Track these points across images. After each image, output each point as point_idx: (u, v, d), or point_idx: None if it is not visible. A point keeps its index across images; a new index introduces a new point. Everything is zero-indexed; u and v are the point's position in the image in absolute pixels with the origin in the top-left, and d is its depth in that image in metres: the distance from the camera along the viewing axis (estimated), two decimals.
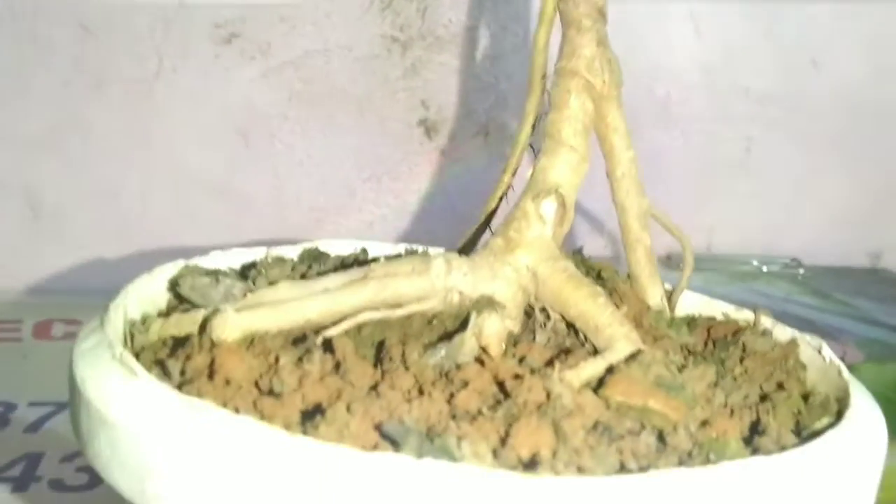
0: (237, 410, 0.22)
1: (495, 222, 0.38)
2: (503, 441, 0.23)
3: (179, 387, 0.24)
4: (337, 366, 0.27)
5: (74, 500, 0.47)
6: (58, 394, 0.59)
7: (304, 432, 0.22)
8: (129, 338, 0.28)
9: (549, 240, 0.32)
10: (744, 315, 0.36)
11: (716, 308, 0.37)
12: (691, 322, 0.36)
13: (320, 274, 0.33)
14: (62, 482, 0.49)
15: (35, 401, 0.57)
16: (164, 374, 0.25)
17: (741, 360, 0.32)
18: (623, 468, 0.23)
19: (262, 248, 0.38)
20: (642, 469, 0.23)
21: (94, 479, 0.49)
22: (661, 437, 0.25)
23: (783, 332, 0.34)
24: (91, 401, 0.23)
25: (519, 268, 0.31)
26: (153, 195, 0.78)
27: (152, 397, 0.22)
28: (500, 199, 0.38)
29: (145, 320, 0.30)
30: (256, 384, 0.25)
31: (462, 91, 0.83)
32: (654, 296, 0.36)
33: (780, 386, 0.30)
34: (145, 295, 0.31)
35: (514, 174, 0.38)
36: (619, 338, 0.29)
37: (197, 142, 0.78)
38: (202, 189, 0.79)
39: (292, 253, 0.38)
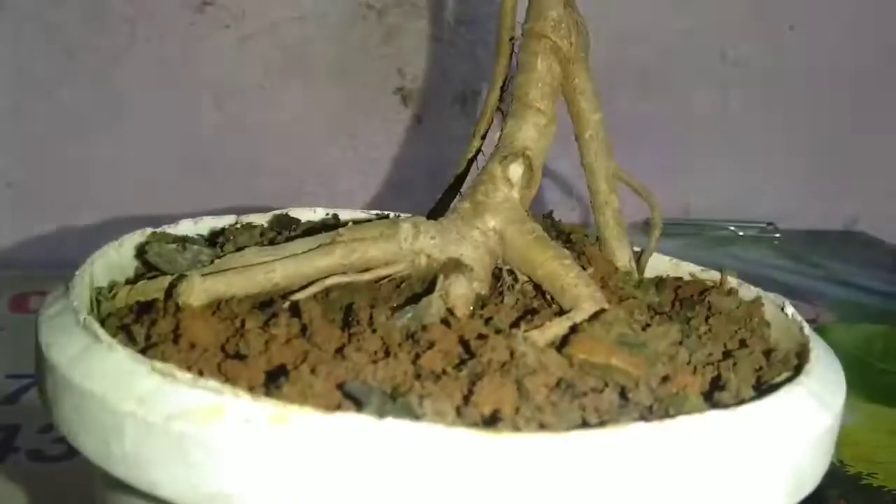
0: (201, 373, 0.23)
1: (466, 186, 0.39)
2: (466, 399, 0.24)
3: (143, 351, 0.24)
4: (303, 329, 0.27)
5: (53, 469, 0.47)
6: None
7: (268, 394, 0.22)
8: (96, 304, 0.28)
9: (517, 203, 0.32)
10: (710, 275, 0.36)
11: (683, 269, 0.37)
12: (659, 283, 0.36)
13: (289, 240, 0.33)
14: (40, 452, 0.49)
15: (12, 373, 0.57)
16: (129, 338, 0.25)
17: (706, 319, 0.32)
18: (584, 424, 0.24)
19: (231, 216, 0.38)
20: (602, 424, 0.24)
21: (73, 450, 0.49)
22: (623, 394, 0.26)
23: (748, 292, 0.34)
24: (56, 366, 0.23)
25: (486, 231, 0.31)
26: (126, 166, 0.77)
27: (115, 361, 0.23)
28: (470, 163, 0.38)
29: (112, 287, 0.30)
30: (222, 348, 0.26)
31: (438, 58, 0.83)
32: (623, 258, 0.36)
33: (743, 343, 0.30)
34: (112, 262, 0.31)
35: (483, 138, 0.38)
36: (584, 298, 0.29)
37: (171, 111, 0.77)
38: (176, 159, 0.78)
39: (263, 220, 0.38)
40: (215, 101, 0.79)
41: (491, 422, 0.23)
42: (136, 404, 0.21)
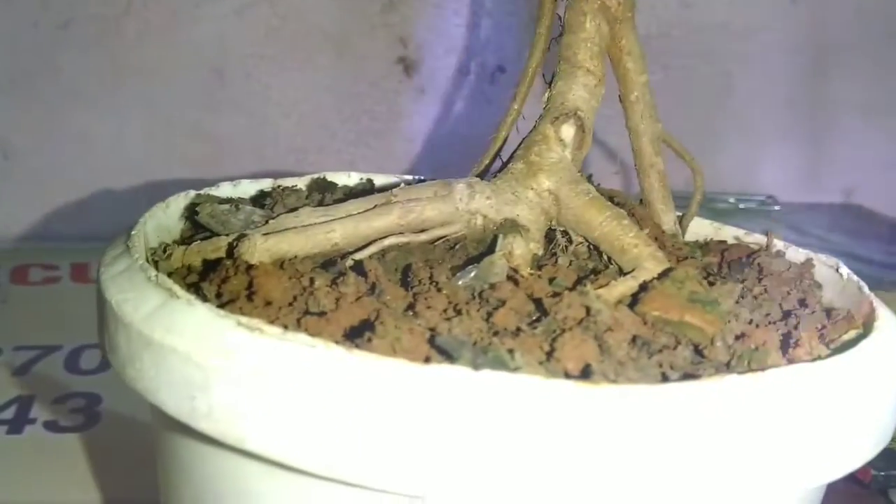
0: (285, 328, 0.22)
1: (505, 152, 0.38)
2: (548, 355, 0.23)
3: (220, 307, 0.23)
4: (371, 288, 0.26)
5: (71, 440, 0.47)
6: (42, 337, 0.58)
7: (356, 347, 0.22)
8: (153, 265, 0.28)
9: (570, 163, 0.32)
10: (755, 239, 0.36)
11: (727, 233, 0.37)
12: (703, 246, 0.36)
13: (337, 201, 0.33)
14: (56, 423, 0.48)
15: (20, 345, 0.56)
16: (200, 296, 0.24)
17: (759, 281, 0.32)
18: (665, 379, 0.24)
19: (269, 180, 0.38)
20: (684, 379, 0.24)
21: (90, 420, 0.48)
22: (697, 351, 0.25)
23: (796, 254, 0.34)
24: (131, 323, 0.23)
25: (541, 191, 0.31)
26: (126, 137, 0.76)
27: (197, 317, 0.22)
28: (510, 127, 0.38)
29: (165, 248, 0.29)
30: (290, 304, 0.25)
31: (442, 27, 0.82)
32: (668, 221, 0.36)
33: (802, 303, 0.30)
34: (161, 223, 0.31)
35: (524, 101, 0.38)
36: (646, 257, 0.29)
37: (170, 81, 0.76)
38: (176, 130, 0.77)
39: (300, 184, 0.38)
40: (214, 70, 0.78)
41: (580, 376, 0.23)
42: (223, 359, 0.21)
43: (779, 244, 0.35)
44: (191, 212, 0.31)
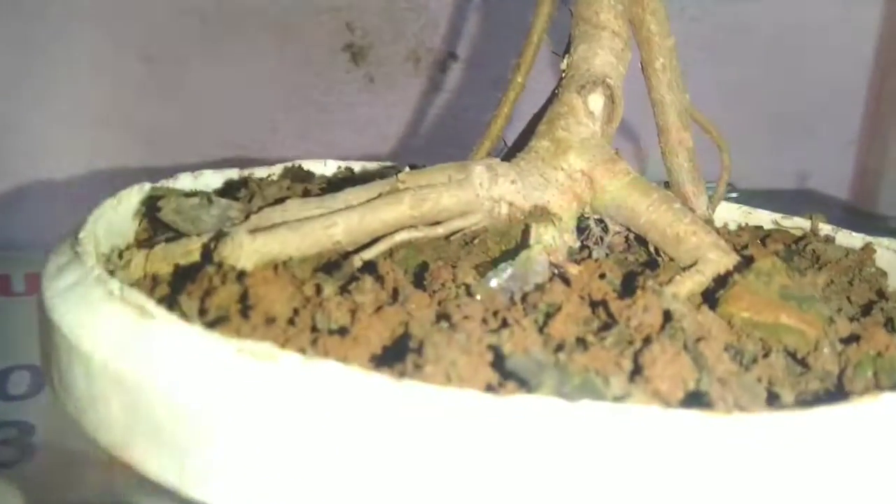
0: (303, 352, 0.17)
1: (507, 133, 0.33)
2: (633, 374, 0.19)
3: (209, 329, 0.18)
4: (393, 294, 0.21)
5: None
6: None
7: (402, 375, 0.16)
8: (108, 275, 0.22)
9: (602, 139, 0.27)
10: (794, 223, 0.32)
11: (759, 217, 0.33)
12: (741, 232, 0.32)
13: (324, 191, 0.27)
14: None
15: None
16: (179, 314, 0.19)
17: (818, 270, 0.28)
18: (774, 399, 0.19)
19: (234, 170, 0.32)
20: (801, 399, 0.19)
21: (22, 454, 0.42)
22: (795, 358, 0.21)
23: (849, 238, 0.30)
24: (92, 354, 0.17)
25: (572, 173, 0.26)
26: (51, 129, 0.68)
27: (180, 343, 0.16)
28: (513, 103, 0.33)
29: (121, 254, 0.23)
30: (290, 321, 0.20)
31: (390, 12, 0.77)
32: (700, 205, 0.31)
33: (881, 295, 0.26)
34: (112, 224, 0.25)
35: (528, 73, 0.33)
36: (707, 247, 0.24)
37: (98, 70, 0.69)
38: (105, 122, 0.69)
39: (270, 174, 0.32)
40: (146, 59, 0.71)
41: (683, 399, 0.18)
42: (222, 402, 0.15)
43: (826, 228, 0.31)
44: (148, 208, 0.26)
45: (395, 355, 0.18)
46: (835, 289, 0.26)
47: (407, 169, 0.26)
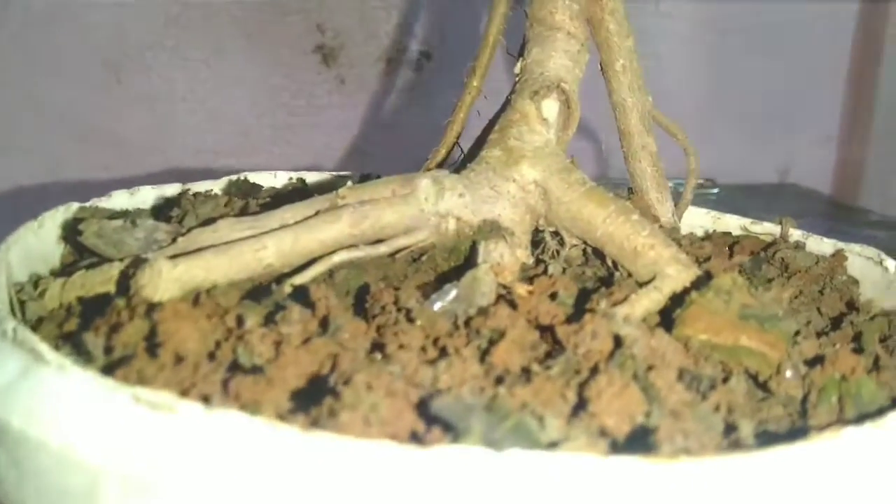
0: (207, 400, 0.15)
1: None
2: (577, 409, 0.17)
3: (109, 369, 0.16)
4: (323, 323, 0.20)
5: None
6: None
7: (315, 423, 0.15)
8: (19, 306, 0.20)
9: (557, 148, 0.26)
10: (764, 228, 0.31)
11: (728, 223, 0.32)
12: (706, 240, 0.30)
13: (264, 208, 0.26)
14: None
15: None
16: (81, 353, 0.17)
17: (787, 280, 0.26)
18: (732, 431, 0.18)
19: (176, 185, 0.30)
20: (761, 429, 0.18)
21: None
22: (755, 381, 0.20)
23: (820, 244, 0.29)
24: None
25: (525, 184, 0.25)
26: (11, 139, 0.66)
27: (72, 390, 0.15)
28: (469, 108, 0.32)
29: (37, 282, 0.22)
30: (210, 355, 0.18)
31: (362, 11, 0.75)
32: (665, 211, 0.30)
33: (851, 306, 0.24)
34: (32, 249, 0.23)
35: (484, 76, 0.31)
36: (666, 261, 0.23)
37: (60, 76, 0.67)
38: (68, 130, 0.68)
39: (215, 188, 0.31)
40: (107, 63, 0.69)
41: (628, 437, 0.16)
42: (117, 455, 0.14)
43: (796, 233, 0.30)
44: (74, 231, 0.24)
45: (318, 394, 0.16)
46: (803, 300, 0.25)
47: (350, 183, 0.25)
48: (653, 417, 0.17)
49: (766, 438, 0.17)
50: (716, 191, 0.91)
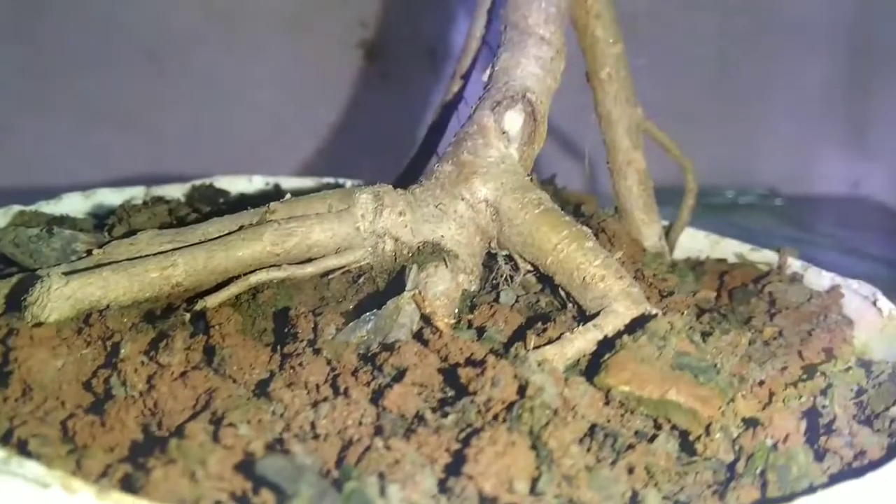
0: (21, 443, 0.14)
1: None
2: (456, 465, 0.15)
3: None
4: (210, 353, 0.18)
5: None
6: None
7: (129, 486, 0.13)
8: None
9: (516, 164, 0.23)
10: (763, 256, 0.28)
11: (726, 248, 0.29)
12: (697, 267, 0.28)
13: (203, 219, 0.25)
14: None
15: None
16: None
17: (771, 318, 0.24)
18: (636, 499, 0.15)
19: (140, 188, 0.29)
20: (668, 499, 0.15)
21: None
22: (686, 440, 0.17)
23: (819, 278, 0.26)
24: None
25: (475, 203, 0.23)
26: (51, 131, 0.67)
27: None
28: (447, 112, 0.30)
29: None
30: (86, 385, 0.17)
31: (405, 8, 0.74)
32: (651, 234, 0.27)
33: (829, 354, 0.22)
34: None
35: (465, 79, 0.29)
36: (616, 295, 0.21)
37: (100, 69, 0.67)
38: (107, 122, 0.68)
39: (180, 193, 0.30)
40: (149, 56, 0.69)
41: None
42: None
43: (795, 264, 0.27)
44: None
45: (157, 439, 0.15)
46: (782, 343, 0.22)
47: (285, 197, 0.23)
48: (543, 482, 0.15)
49: None
50: (778, 202, 0.86)
